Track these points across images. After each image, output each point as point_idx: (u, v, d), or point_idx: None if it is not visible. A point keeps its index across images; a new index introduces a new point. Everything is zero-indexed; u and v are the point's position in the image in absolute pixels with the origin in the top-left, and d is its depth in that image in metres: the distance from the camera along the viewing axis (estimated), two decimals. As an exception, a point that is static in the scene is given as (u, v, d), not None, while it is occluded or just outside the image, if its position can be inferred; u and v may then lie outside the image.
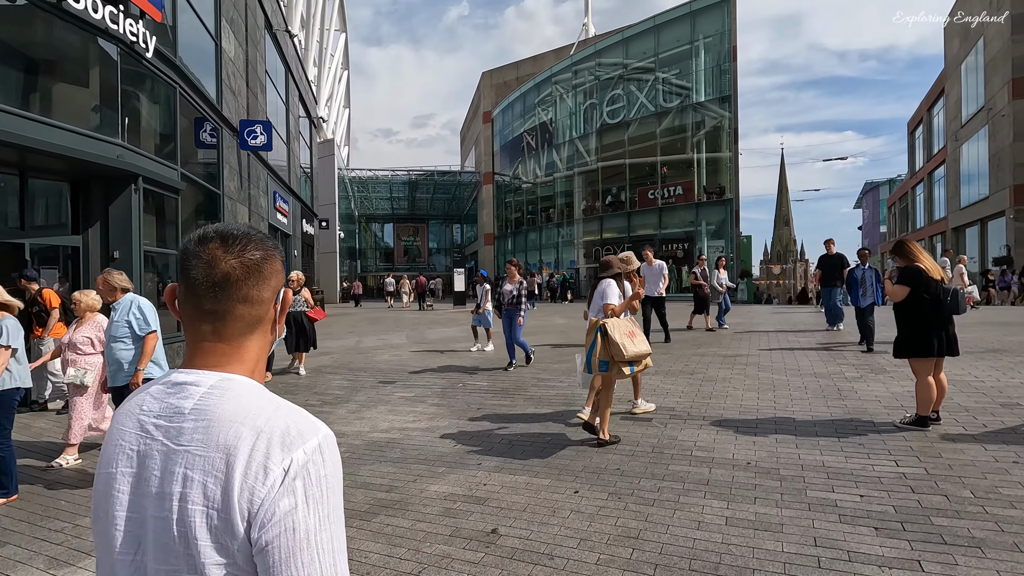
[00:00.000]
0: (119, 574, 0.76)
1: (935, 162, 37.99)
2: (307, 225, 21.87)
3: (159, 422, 0.77)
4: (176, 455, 0.74)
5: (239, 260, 0.79)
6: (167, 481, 0.73)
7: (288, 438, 0.73)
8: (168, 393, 0.78)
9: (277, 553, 0.68)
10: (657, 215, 28.37)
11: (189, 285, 0.80)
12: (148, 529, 0.74)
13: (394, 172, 45.39)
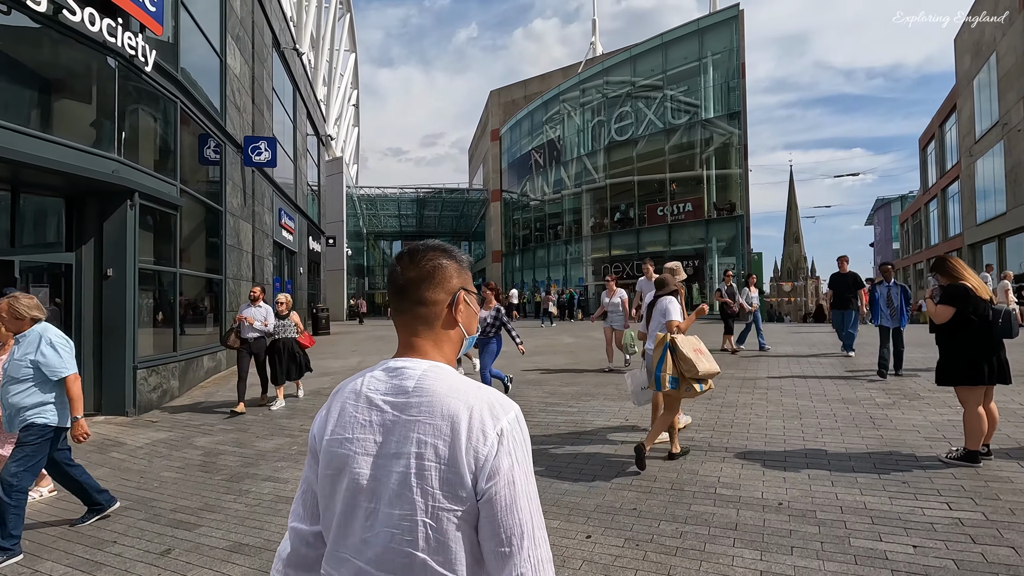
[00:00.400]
0: (353, 519, 0.93)
1: (948, 178, 37.48)
2: (314, 242, 21.75)
3: (387, 398, 0.96)
4: (407, 423, 0.93)
5: (416, 270, 1.02)
6: (402, 443, 0.92)
7: (494, 409, 0.92)
8: (390, 376, 0.98)
9: (502, 501, 0.88)
10: (667, 232, 28.03)
11: (389, 291, 1.07)
12: (383, 482, 0.92)
13: (402, 190, 45.52)
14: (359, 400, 0.98)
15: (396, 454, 0.92)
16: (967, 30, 31.58)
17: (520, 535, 0.88)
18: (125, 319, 6.90)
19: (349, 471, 0.94)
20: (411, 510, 0.89)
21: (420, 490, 0.89)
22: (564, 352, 11.60)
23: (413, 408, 0.93)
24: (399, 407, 0.94)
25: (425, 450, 0.90)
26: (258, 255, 12.88)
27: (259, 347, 7.27)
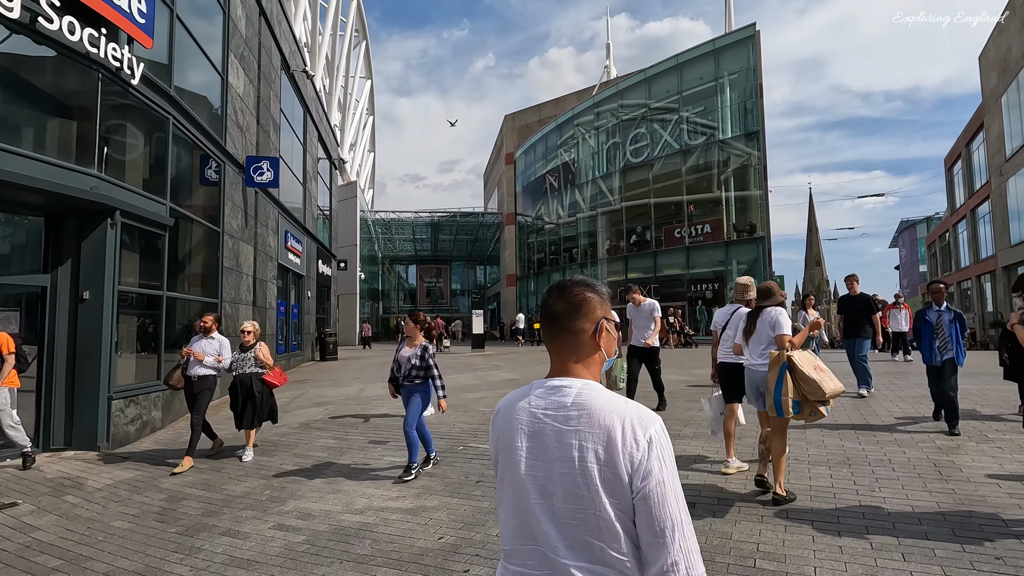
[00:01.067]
0: (536, 513, 1.09)
1: (978, 198, 36.22)
2: (323, 266, 21.45)
3: (547, 412, 1.13)
4: (568, 432, 1.09)
5: (565, 303, 1.18)
6: (565, 448, 1.08)
7: (642, 420, 1.07)
8: (549, 393, 1.15)
9: (655, 498, 1.02)
10: (685, 254, 27.27)
11: (544, 318, 1.22)
12: (554, 481, 1.08)
13: (416, 214, 45.55)
14: (520, 414, 1.17)
15: (561, 458, 1.09)
16: (993, 47, 30.82)
17: (672, 528, 1.02)
18: (101, 345, 6.42)
19: (521, 472, 1.13)
20: (581, 504, 1.06)
21: (586, 487, 1.06)
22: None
23: (573, 420, 1.10)
24: (560, 419, 1.11)
25: (587, 454, 1.07)
26: (260, 278, 12.49)
27: (204, 388, 5.87)
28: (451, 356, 19.83)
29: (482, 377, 12.03)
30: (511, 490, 1.14)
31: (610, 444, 1.05)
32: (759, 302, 4.41)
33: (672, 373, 11.25)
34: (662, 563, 1.01)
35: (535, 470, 1.11)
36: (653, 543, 1.02)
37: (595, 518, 1.04)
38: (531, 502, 1.10)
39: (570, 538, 1.06)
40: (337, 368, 15.56)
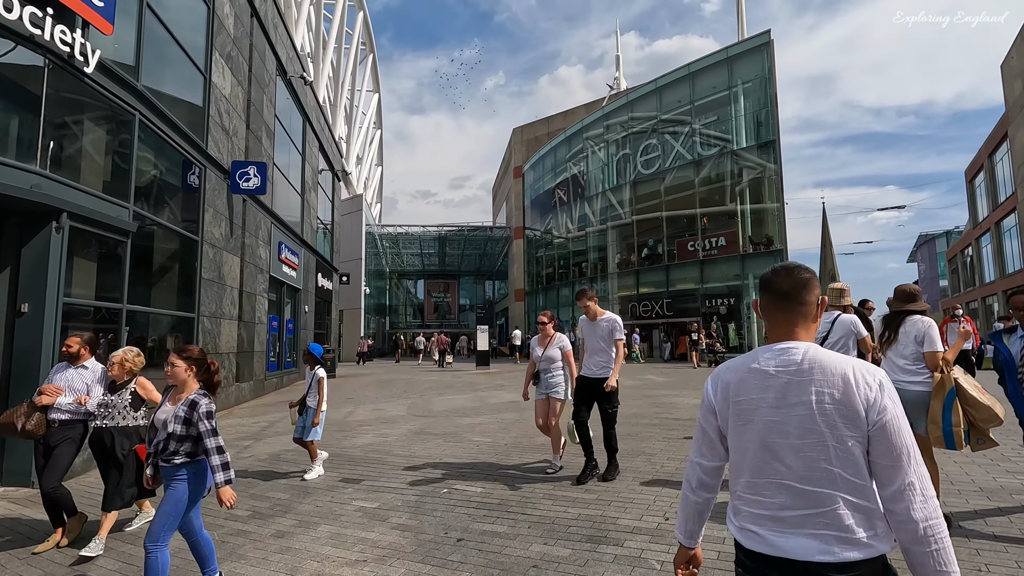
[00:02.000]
0: (776, 450, 1.35)
1: (1003, 211, 34.91)
2: (324, 280, 20.76)
3: (780, 368, 1.38)
4: (804, 382, 1.34)
5: (793, 281, 1.46)
6: (801, 394, 1.34)
7: (868, 369, 1.33)
8: (779, 354, 1.40)
9: (891, 428, 1.27)
10: (698, 268, 26.27)
11: (774, 295, 1.48)
12: (791, 423, 1.34)
13: (425, 228, 45.02)
14: (755, 373, 1.42)
15: (796, 403, 1.34)
16: (1016, 55, 29.82)
17: (906, 454, 1.26)
18: (40, 365, 5.64)
19: (758, 419, 1.39)
20: (820, 438, 1.31)
21: (824, 423, 1.31)
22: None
23: (806, 372, 1.35)
24: (793, 372, 1.37)
25: (823, 397, 1.32)
26: (248, 291, 11.74)
27: (63, 439, 4.08)
28: (452, 373, 18.93)
29: (482, 399, 11.12)
30: (749, 434, 1.41)
31: (846, 388, 1.31)
32: (899, 306, 3.80)
33: (692, 396, 10.26)
34: (899, 483, 1.25)
35: (774, 416, 1.37)
36: (889, 467, 1.27)
37: (833, 448, 1.30)
38: (774, 440, 1.37)
39: (809, 467, 1.32)
40: (331, 387, 14.73)
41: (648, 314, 27.81)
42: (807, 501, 1.31)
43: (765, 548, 1.35)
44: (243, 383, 11.50)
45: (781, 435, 1.35)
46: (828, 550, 1.27)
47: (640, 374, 16.23)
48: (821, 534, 1.29)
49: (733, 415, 1.44)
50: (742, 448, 1.42)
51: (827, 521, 1.29)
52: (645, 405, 9.24)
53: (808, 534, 1.30)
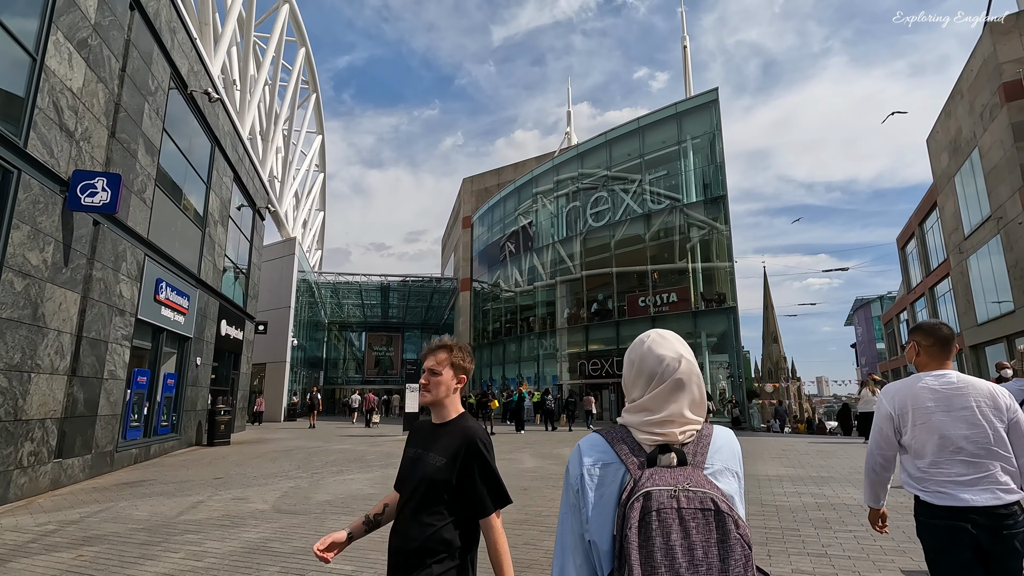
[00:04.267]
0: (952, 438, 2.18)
1: (936, 276, 35.98)
2: (230, 328, 18.01)
3: (943, 387, 2.22)
4: (962, 395, 2.19)
5: (949, 330, 2.40)
6: (963, 402, 2.18)
7: (1002, 392, 2.20)
8: (938, 378, 2.25)
9: (1020, 425, 2.14)
10: (649, 324, 24.98)
11: (935, 344, 2.34)
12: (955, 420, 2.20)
13: (367, 277, 42.50)
14: (927, 391, 2.24)
15: (960, 407, 2.17)
16: (941, 130, 31.42)
17: None
18: None
19: (933, 418, 2.20)
20: (983, 427, 2.13)
21: (983, 419, 2.14)
22: (518, 490, 7.77)
23: (963, 388, 2.19)
24: (953, 389, 2.21)
25: (980, 404, 2.15)
26: (94, 337, 9.16)
27: None
28: (372, 439, 16.24)
29: (390, 479, 8.78)
30: (932, 430, 2.21)
31: (994, 399, 2.18)
32: None
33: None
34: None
35: (944, 416, 2.20)
36: (1020, 445, 2.14)
37: (991, 435, 2.14)
38: (948, 432, 2.18)
39: (976, 446, 2.14)
40: (211, 459, 11.91)
41: (597, 372, 26.11)
42: (979, 468, 2.14)
43: (960, 502, 2.12)
44: (71, 459, 8.72)
45: (953, 428, 2.19)
46: (997, 497, 2.09)
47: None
48: (991, 487, 2.11)
49: (911, 418, 2.27)
50: (921, 440, 2.24)
51: (995, 479, 2.13)
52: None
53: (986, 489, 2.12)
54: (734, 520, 1.04)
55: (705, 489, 1.07)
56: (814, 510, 5.83)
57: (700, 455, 1.17)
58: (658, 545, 1.02)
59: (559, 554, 1.21)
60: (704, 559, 1.01)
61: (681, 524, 1.04)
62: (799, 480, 7.75)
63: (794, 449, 12.15)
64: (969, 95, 26.61)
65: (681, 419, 1.20)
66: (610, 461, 1.20)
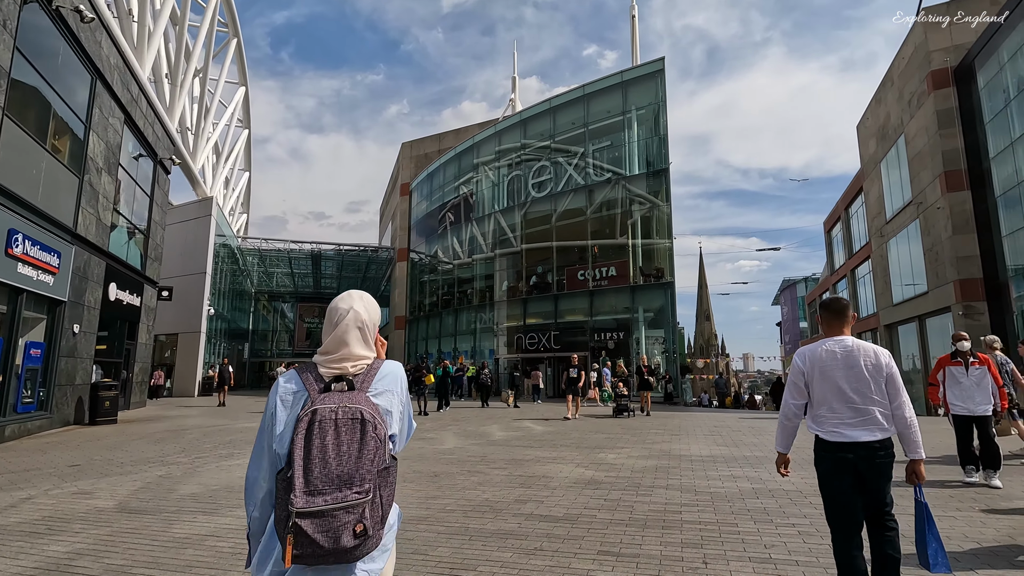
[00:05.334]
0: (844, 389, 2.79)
1: (858, 259, 37.70)
2: (123, 292, 15.90)
3: (838, 350, 2.85)
4: (854, 356, 2.81)
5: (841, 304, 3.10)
6: (854, 361, 2.80)
7: (882, 350, 2.82)
8: (836, 343, 2.88)
9: (896, 379, 2.79)
10: (588, 299, 24.56)
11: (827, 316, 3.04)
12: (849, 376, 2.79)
13: (296, 244, 39.86)
14: (828, 353, 2.83)
15: (851, 365, 2.78)
16: (871, 116, 32.40)
17: (901, 390, 2.75)
18: None
19: (832, 375, 2.79)
20: (867, 380, 2.75)
21: (868, 374, 2.75)
22: (479, 458, 6.84)
23: (854, 351, 2.79)
24: (848, 350, 2.80)
25: (867, 363, 2.77)
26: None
27: None
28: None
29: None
30: (830, 383, 2.80)
31: (876, 358, 2.77)
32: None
33: (576, 465, 7.54)
34: (898, 402, 2.70)
35: (841, 373, 2.79)
36: (894, 394, 2.72)
37: (872, 387, 2.73)
38: (841, 385, 2.77)
39: (861, 396, 2.72)
40: (81, 442, 10.27)
41: (535, 346, 25.54)
42: (863, 412, 2.75)
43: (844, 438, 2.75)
44: None
45: (847, 381, 2.79)
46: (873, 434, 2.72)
47: (513, 421, 13.50)
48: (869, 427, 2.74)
49: (817, 375, 2.85)
50: (825, 390, 2.83)
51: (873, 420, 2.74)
52: (506, 482, 6.38)
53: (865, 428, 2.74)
54: (373, 424, 1.48)
55: (360, 405, 1.50)
56: (752, 498, 5.22)
57: (367, 382, 1.60)
58: (316, 444, 1.43)
59: (251, 465, 1.63)
60: (347, 451, 1.44)
61: (336, 429, 1.45)
62: (733, 461, 7.25)
63: (726, 425, 11.91)
64: (899, 82, 27.35)
65: (353, 356, 1.63)
66: (298, 389, 1.61)
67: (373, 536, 1.42)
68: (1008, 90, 20.72)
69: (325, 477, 1.39)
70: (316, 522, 1.35)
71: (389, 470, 1.51)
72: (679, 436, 9.99)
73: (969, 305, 22.36)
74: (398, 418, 1.64)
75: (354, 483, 1.40)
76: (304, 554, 1.35)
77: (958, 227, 22.68)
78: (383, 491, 1.48)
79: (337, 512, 1.37)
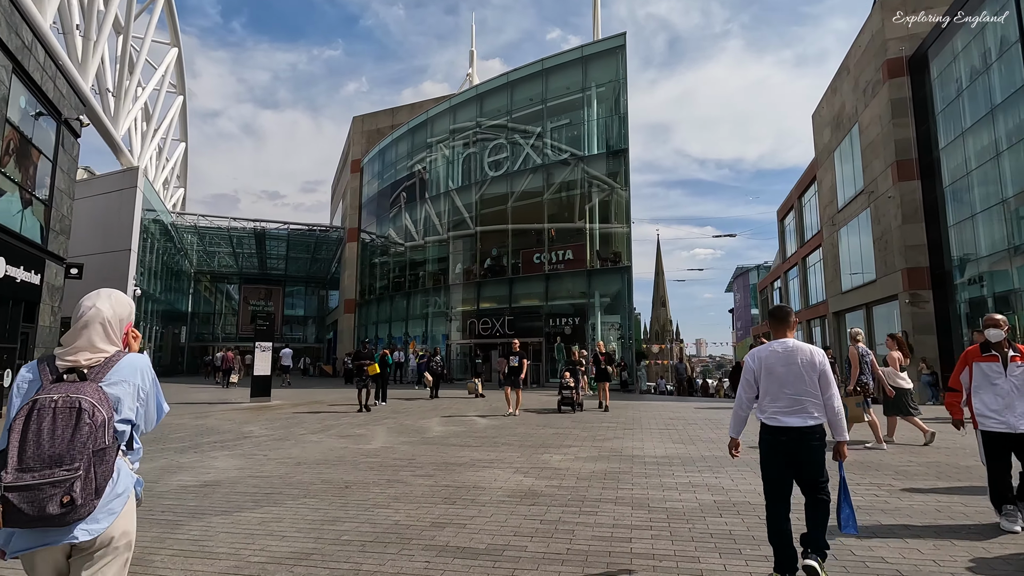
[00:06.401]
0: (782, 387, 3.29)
1: (809, 247, 38.30)
2: (17, 269, 13.94)
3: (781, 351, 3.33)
4: (792, 355, 3.30)
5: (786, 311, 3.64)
6: (792, 360, 3.28)
7: (818, 350, 3.37)
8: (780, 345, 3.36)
9: (827, 374, 3.27)
10: (544, 283, 23.72)
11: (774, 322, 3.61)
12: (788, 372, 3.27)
13: (236, 221, 37.32)
14: (772, 353, 3.32)
15: (790, 363, 3.26)
16: (826, 106, 32.58)
17: (831, 385, 3.26)
18: None
19: (775, 371, 3.28)
20: (803, 377, 3.23)
21: (805, 371, 3.23)
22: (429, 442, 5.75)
23: (793, 351, 3.28)
24: (788, 351, 3.29)
25: (803, 361, 3.24)
26: None
27: None
28: (210, 406, 13.37)
29: (180, 465, 6.42)
30: (773, 378, 3.27)
31: (812, 358, 3.25)
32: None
33: (511, 464, 6.59)
34: (828, 394, 3.20)
35: (782, 369, 3.24)
36: (825, 387, 3.21)
37: (807, 381, 3.20)
38: (781, 379, 3.24)
39: (796, 389, 3.20)
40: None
41: (488, 332, 24.58)
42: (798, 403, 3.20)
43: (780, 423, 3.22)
44: None
45: (784, 377, 3.25)
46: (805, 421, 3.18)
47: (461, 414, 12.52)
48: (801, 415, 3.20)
49: (764, 370, 3.32)
50: (769, 387, 3.29)
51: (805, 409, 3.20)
52: (428, 495, 5.38)
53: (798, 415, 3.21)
54: (91, 412, 1.70)
55: (82, 395, 1.72)
56: (714, 515, 4.40)
57: (101, 373, 1.81)
58: (32, 429, 1.67)
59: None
60: (61, 435, 1.66)
61: (53, 416, 1.68)
62: (691, 463, 6.48)
63: (681, 417, 11.27)
64: (855, 71, 27.39)
65: (91, 348, 1.86)
66: (33, 378, 1.82)
67: (85, 505, 1.68)
68: (960, 80, 20.84)
69: (37, 457, 1.64)
70: (23, 495, 1.61)
71: (106, 451, 1.74)
72: (632, 431, 9.23)
73: (915, 294, 22.70)
74: (132, 405, 1.89)
75: (63, 462, 1.65)
76: (13, 520, 1.62)
77: (908, 216, 22.90)
78: (98, 468, 1.71)
79: (44, 486, 1.62)
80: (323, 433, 9.28)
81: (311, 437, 8.87)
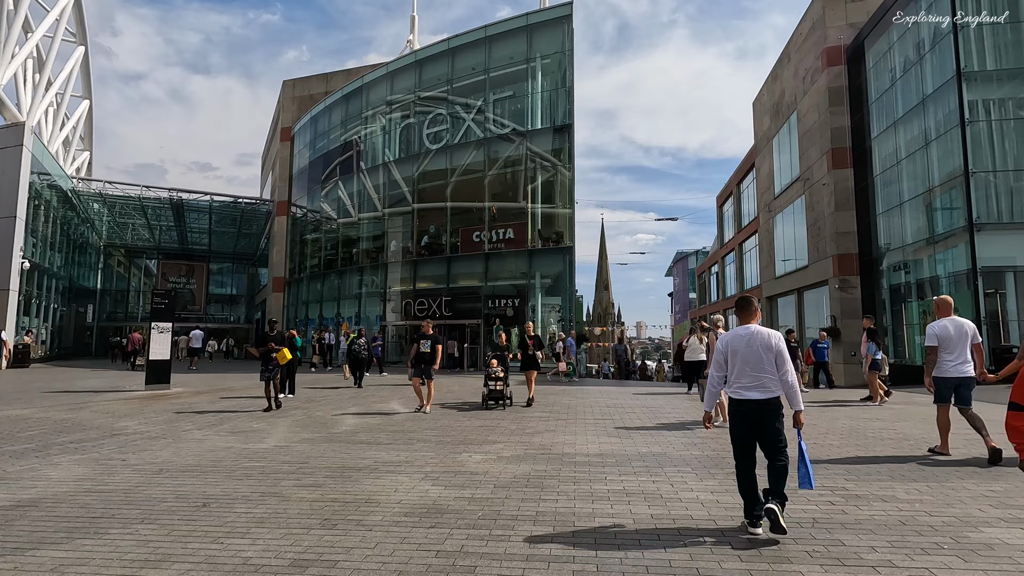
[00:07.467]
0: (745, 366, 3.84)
1: (746, 233, 39.14)
2: None
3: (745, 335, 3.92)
4: (754, 339, 3.87)
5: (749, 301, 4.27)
6: (754, 343, 3.86)
7: (775, 334, 3.95)
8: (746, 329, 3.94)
9: (782, 355, 3.82)
10: (483, 262, 22.71)
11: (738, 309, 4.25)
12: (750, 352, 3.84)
13: (148, 189, 33.90)
14: (736, 337, 3.91)
15: (751, 345, 3.84)
16: (767, 93, 32.94)
17: (786, 362, 3.80)
18: None
19: (740, 352, 3.86)
20: (760, 356, 3.80)
21: (763, 352, 3.80)
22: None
23: (755, 335, 3.87)
24: (750, 335, 3.88)
25: (761, 343, 3.83)
26: None
27: None
28: (93, 395, 11.60)
29: (33, 474, 5.04)
30: (738, 358, 3.86)
31: (769, 340, 3.82)
32: None
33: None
34: (783, 371, 3.75)
35: (744, 351, 3.84)
36: (780, 365, 3.77)
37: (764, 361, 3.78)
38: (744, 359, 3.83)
39: (755, 367, 3.79)
40: None
41: (424, 313, 23.39)
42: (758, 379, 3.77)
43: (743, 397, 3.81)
44: None
45: (748, 359, 3.81)
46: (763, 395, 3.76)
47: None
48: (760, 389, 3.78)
49: (730, 351, 3.89)
50: (735, 366, 3.85)
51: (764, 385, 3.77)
52: (306, 514, 4.33)
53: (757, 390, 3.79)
54: None
55: None
56: (651, 540, 3.59)
57: None
58: None
59: None
60: None
61: None
62: (626, 463, 5.73)
63: (619, 405, 10.65)
64: (796, 58, 27.60)
65: None
66: None
67: None
68: (894, 70, 21.22)
69: None
70: None
71: None
72: (566, 422, 8.46)
73: (844, 279, 23.30)
74: None
75: None
76: None
77: (840, 203, 23.35)
78: None
79: None
80: (211, 428, 7.98)
81: (195, 434, 7.56)
